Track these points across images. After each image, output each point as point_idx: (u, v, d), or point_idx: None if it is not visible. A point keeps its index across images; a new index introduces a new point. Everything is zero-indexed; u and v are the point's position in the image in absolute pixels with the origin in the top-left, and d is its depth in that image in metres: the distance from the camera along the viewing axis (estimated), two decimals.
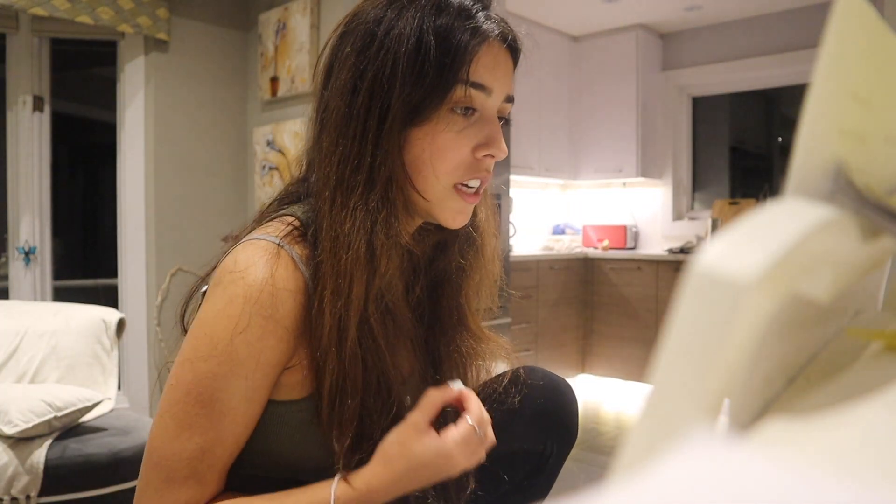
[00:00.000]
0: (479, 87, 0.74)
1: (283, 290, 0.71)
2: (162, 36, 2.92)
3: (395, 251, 0.74)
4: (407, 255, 0.81)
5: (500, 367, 0.97)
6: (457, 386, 0.78)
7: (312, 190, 0.79)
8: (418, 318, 0.86)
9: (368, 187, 0.72)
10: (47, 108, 2.94)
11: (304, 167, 0.84)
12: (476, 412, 0.77)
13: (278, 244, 0.72)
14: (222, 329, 0.70)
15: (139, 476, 0.73)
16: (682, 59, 4.42)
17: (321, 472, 0.75)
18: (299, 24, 2.88)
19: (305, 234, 0.76)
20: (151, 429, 0.73)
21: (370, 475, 0.73)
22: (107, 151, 3.08)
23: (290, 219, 0.77)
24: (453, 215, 0.78)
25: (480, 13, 0.75)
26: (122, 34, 2.93)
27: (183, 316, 0.82)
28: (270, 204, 0.84)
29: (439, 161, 0.74)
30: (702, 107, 4.52)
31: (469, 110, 0.75)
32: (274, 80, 3.02)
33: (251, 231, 0.77)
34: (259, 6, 3.15)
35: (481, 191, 0.80)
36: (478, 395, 0.94)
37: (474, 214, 0.87)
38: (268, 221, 0.78)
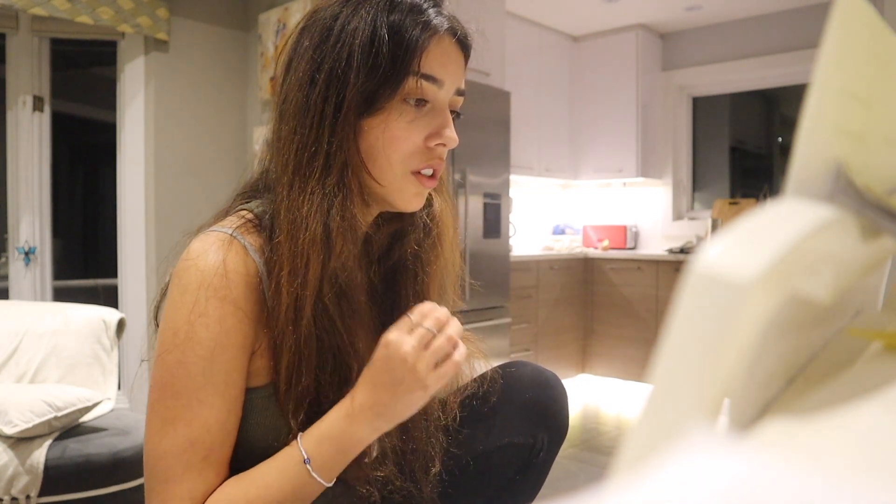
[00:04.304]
0: (429, 78, 0.77)
1: (234, 273, 0.73)
2: (162, 36, 2.92)
3: (351, 235, 0.77)
4: (363, 243, 0.84)
5: (478, 364, 0.98)
6: (429, 305, 0.76)
7: (270, 178, 0.82)
8: (376, 305, 0.88)
9: (325, 172, 0.75)
10: (47, 108, 2.94)
11: (266, 161, 0.86)
12: (437, 319, 0.73)
13: (231, 234, 0.76)
14: (181, 317, 0.72)
15: (145, 488, 0.74)
16: (682, 59, 4.42)
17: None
18: None
19: (260, 225, 0.79)
20: (144, 435, 0.74)
21: (332, 414, 0.75)
22: (107, 151, 3.08)
23: (244, 212, 0.80)
24: (410, 198, 0.81)
25: (431, 9, 0.78)
26: (122, 34, 2.93)
27: (156, 314, 0.84)
28: (234, 199, 0.87)
29: (392, 149, 0.77)
30: (702, 107, 4.52)
31: (421, 102, 0.78)
32: (274, 80, 3.02)
33: (209, 226, 0.80)
34: (259, 6, 3.15)
35: (437, 175, 0.82)
36: (463, 391, 0.95)
37: (430, 204, 0.89)
38: (225, 217, 0.81)
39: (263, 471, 0.74)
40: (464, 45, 0.82)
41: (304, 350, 0.75)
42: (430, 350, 0.73)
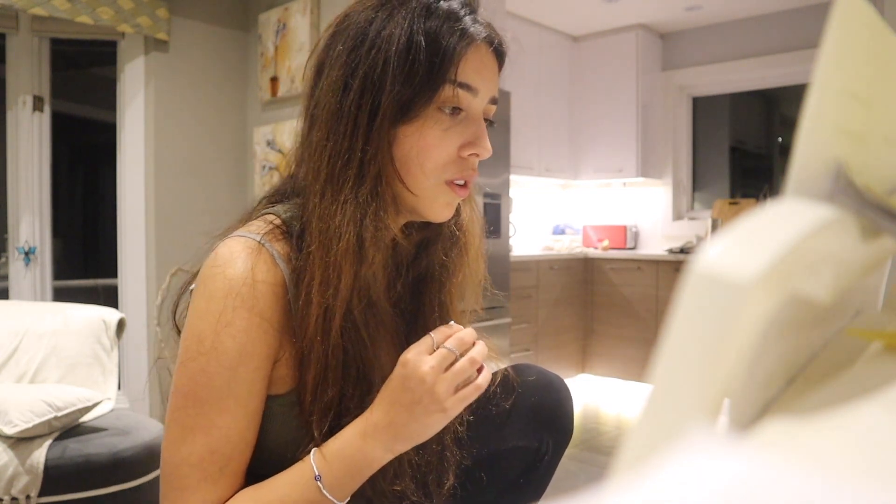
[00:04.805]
0: (466, 87, 0.76)
1: (262, 283, 0.72)
2: (162, 36, 2.92)
3: (382, 244, 0.76)
4: (391, 251, 0.83)
5: (490, 367, 0.97)
6: (455, 326, 0.75)
7: (300, 185, 0.80)
8: (400, 315, 0.87)
9: (358, 181, 0.74)
10: (47, 108, 2.94)
11: (293, 165, 0.85)
12: (460, 340, 0.73)
13: (259, 241, 0.74)
14: (207, 326, 0.71)
15: (160, 493, 0.74)
16: (682, 59, 4.42)
17: (297, 460, 0.76)
18: (299, 24, 2.88)
19: (287, 232, 0.77)
20: (162, 442, 0.74)
21: (349, 431, 0.74)
22: (107, 151, 3.08)
23: (271, 217, 0.79)
24: (441, 208, 0.80)
25: (468, 17, 0.77)
26: (122, 34, 2.93)
27: (174, 314, 0.83)
28: (258, 203, 0.86)
29: (426, 158, 0.76)
30: (702, 107, 4.52)
31: (456, 110, 0.77)
32: (274, 80, 3.02)
33: (235, 229, 0.79)
34: (259, 6, 3.15)
35: (469, 185, 0.81)
36: None
37: (458, 213, 0.88)
38: (252, 220, 0.80)
39: (277, 484, 0.73)
40: (499, 53, 0.81)
41: (331, 361, 0.74)
42: (450, 372, 0.71)
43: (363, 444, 0.72)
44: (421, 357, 0.71)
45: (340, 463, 0.72)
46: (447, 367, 0.71)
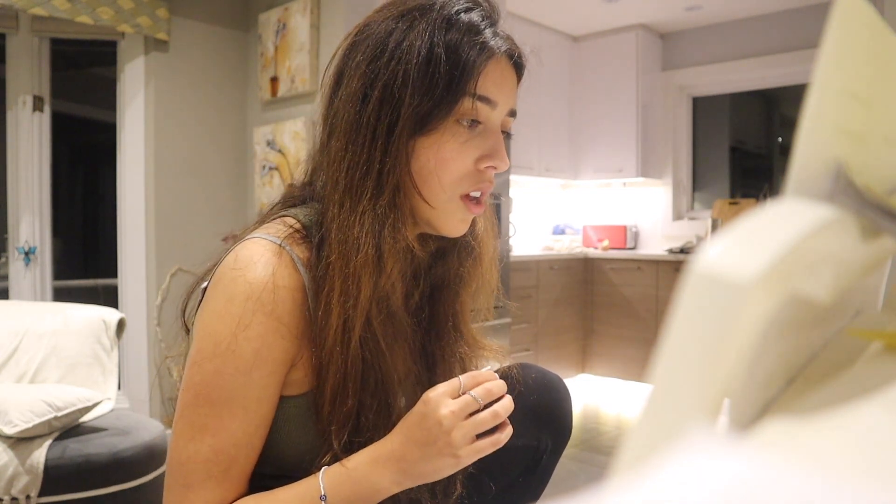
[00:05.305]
0: (485, 100, 0.76)
1: (282, 289, 0.72)
2: (162, 36, 2.92)
3: (401, 255, 0.76)
4: (408, 260, 0.83)
5: (495, 366, 0.97)
6: (485, 370, 0.75)
7: (318, 194, 0.80)
8: (416, 323, 0.87)
9: (377, 193, 0.74)
10: (47, 108, 2.94)
11: (308, 171, 0.85)
12: (487, 390, 0.72)
13: (280, 244, 0.74)
14: (225, 328, 0.71)
15: (164, 486, 0.74)
16: (682, 59, 4.42)
17: (312, 468, 0.76)
18: (299, 24, 2.88)
19: (306, 236, 0.77)
20: (170, 436, 0.74)
21: (363, 454, 0.74)
22: (107, 151, 3.08)
23: (291, 220, 0.78)
24: (455, 224, 0.80)
25: (488, 30, 0.77)
26: (122, 34, 2.93)
27: (184, 312, 0.83)
28: (273, 206, 0.85)
29: (444, 170, 0.76)
30: (702, 107, 4.52)
31: (474, 122, 0.77)
32: (274, 80, 3.02)
33: (253, 231, 0.78)
34: (259, 6, 3.15)
35: (484, 199, 0.81)
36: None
37: (473, 223, 0.88)
38: (269, 222, 0.79)
39: (282, 497, 0.72)
40: (518, 66, 0.81)
41: (350, 371, 0.74)
42: (470, 421, 0.70)
43: (372, 471, 0.72)
44: (443, 399, 0.71)
45: (348, 486, 0.72)
46: (469, 415, 0.71)
